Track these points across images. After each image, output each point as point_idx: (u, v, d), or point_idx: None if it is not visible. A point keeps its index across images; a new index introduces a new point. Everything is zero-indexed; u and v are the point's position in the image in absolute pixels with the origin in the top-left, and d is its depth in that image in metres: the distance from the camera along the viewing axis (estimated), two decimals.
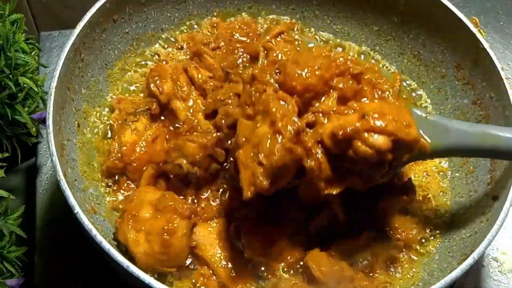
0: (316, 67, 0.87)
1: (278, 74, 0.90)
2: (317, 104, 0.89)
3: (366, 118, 0.83)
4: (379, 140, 0.83)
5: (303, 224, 0.99)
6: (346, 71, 0.89)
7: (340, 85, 0.89)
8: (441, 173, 1.10)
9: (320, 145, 0.87)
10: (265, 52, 0.94)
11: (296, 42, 0.96)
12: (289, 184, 0.88)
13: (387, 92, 0.91)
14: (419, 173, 1.10)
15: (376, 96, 0.91)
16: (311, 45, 0.96)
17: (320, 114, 0.88)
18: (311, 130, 0.88)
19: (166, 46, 1.20)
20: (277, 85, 0.89)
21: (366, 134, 0.83)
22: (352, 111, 0.87)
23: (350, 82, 0.90)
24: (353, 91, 0.90)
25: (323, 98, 0.89)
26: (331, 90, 0.89)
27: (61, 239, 1.07)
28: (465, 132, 0.90)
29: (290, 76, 0.88)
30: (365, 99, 0.91)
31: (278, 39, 0.96)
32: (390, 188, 1.01)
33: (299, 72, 0.87)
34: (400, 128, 0.83)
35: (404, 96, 0.94)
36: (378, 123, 0.83)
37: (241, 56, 1.13)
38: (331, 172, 0.87)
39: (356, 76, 0.90)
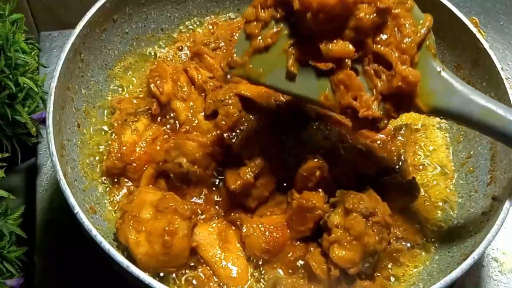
0: None
1: None
2: (330, 46, 0.84)
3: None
4: None
5: None
6: (372, 2, 0.83)
7: (361, 14, 0.83)
8: (442, 173, 1.10)
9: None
10: None
11: None
12: None
13: (407, 39, 0.85)
14: (421, 173, 1.10)
15: (396, 38, 0.85)
16: None
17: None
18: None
19: (166, 46, 1.20)
20: None
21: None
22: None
23: (374, 14, 0.84)
24: (373, 25, 0.84)
25: (337, 38, 0.84)
26: (349, 20, 0.83)
27: (61, 239, 1.07)
28: (470, 100, 0.86)
29: None
30: (384, 36, 0.85)
31: None
32: (393, 186, 1.01)
33: None
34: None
35: (427, 43, 0.87)
36: None
37: None
38: None
39: (381, 11, 0.84)
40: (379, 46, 0.85)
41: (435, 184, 1.09)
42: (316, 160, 0.95)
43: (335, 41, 0.84)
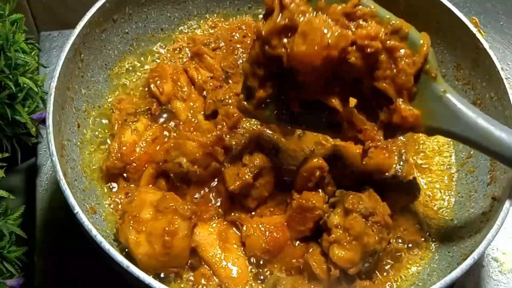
0: (325, 44, 0.79)
1: (288, 39, 0.82)
2: (327, 100, 0.85)
3: None
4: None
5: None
6: (361, 46, 0.81)
7: (352, 59, 0.81)
8: (442, 173, 1.10)
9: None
10: (280, 12, 0.82)
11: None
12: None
13: (403, 73, 0.83)
14: (421, 172, 1.10)
15: (392, 70, 0.83)
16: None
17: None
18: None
19: (166, 46, 1.20)
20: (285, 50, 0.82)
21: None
22: None
23: (363, 60, 0.82)
24: (365, 67, 0.83)
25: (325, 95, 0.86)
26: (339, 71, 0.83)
27: (61, 239, 1.07)
28: (474, 124, 0.85)
29: (294, 54, 0.81)
30: (380, 71, 0.83)
31: None
32: (393, 186, 1.01)
33: (304, 49, 0.80)
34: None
35: (427, 67, 0.84)
36: None
37: (241, 57, 1.13)
38: None
39: (369, 56, 0.82)
40: (376, 82, 0.84)
41: (436, 183, 1.09)
42: (316, 160, 0.95)
43: (332, 98, 0.86)
